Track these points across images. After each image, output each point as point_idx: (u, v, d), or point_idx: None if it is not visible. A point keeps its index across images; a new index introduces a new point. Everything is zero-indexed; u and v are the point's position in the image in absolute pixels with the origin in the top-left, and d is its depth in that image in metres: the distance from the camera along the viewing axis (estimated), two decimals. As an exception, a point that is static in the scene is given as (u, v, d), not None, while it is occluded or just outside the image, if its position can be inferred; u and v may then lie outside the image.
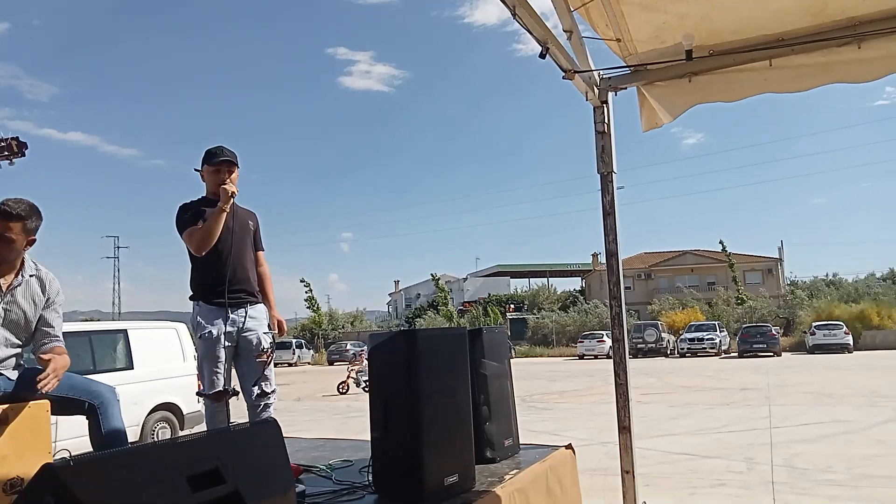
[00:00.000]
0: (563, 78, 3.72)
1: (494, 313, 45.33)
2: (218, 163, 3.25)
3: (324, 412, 13.82)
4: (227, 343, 3.18)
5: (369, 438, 2.82)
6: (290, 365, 38.63)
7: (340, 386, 17.97)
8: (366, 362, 18.84)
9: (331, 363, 38.34)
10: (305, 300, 51.25)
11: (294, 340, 41.57)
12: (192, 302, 3.27)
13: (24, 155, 2.45)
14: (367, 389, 17.76)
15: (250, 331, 3.26)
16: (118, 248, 68.09)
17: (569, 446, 3.69)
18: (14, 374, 2.65)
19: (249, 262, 3.36)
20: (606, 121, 4.03)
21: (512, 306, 50.95)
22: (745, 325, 32.38)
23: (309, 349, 43.72)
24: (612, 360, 4.02)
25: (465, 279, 63.51)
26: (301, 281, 50.85)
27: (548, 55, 3.37)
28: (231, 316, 3.19)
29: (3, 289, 2.63)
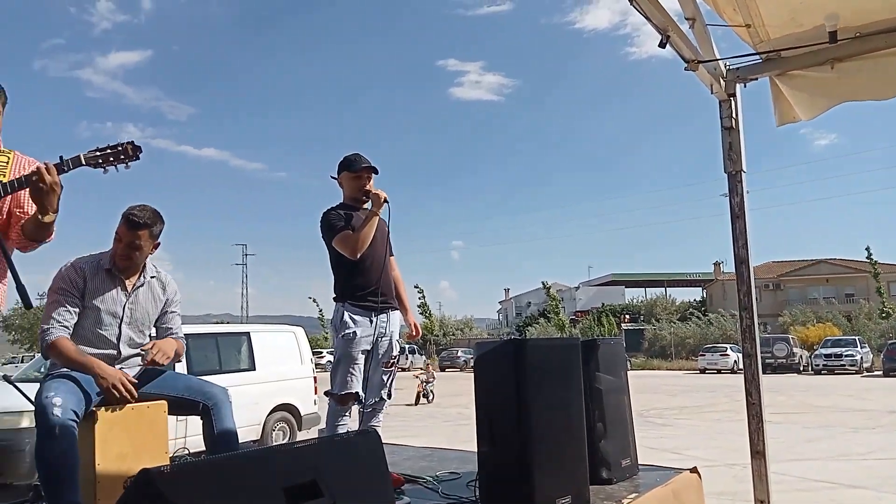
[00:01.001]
0: (686, 69, 3.45)
1: (609, 323, 43.98)
2: (359, 169, 3.34)
3: (435, 418, 13.88)
4: (366, 347, 3.24)
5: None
6: (402, 370, 39.45)
7: (417, 398, 17.49)
8: (433, 373, 18.75)
9: (442, 369, 38.83)
10: (418, 306, 52.12)
11: (407, 345, 42.39)
12: (335, 303, 3.34)
13: (138, 158, 2.53)
14: (430, 399, 17.32)
15: (387, 336, 3.32)
16: (246, 255, 72.31)
17: (694, 469, 3.39)
18: (136, 372, 2.76)
19: (389, 268, 3.42)
20: (734, 115, 3.70)
21: (627, 316, 49.24)
22: (891, 341, 29.34)
23: (421, 355, 44.39)
24: (736, 376, 3.68)
25: (578, 288, 62.17)
26: (415, 287, 51.70)
27: (668, 44, 3.13)
28: (374, 320, 3.26)
29: (129, 290, 2.75)
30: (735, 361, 28.47)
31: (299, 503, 1.56)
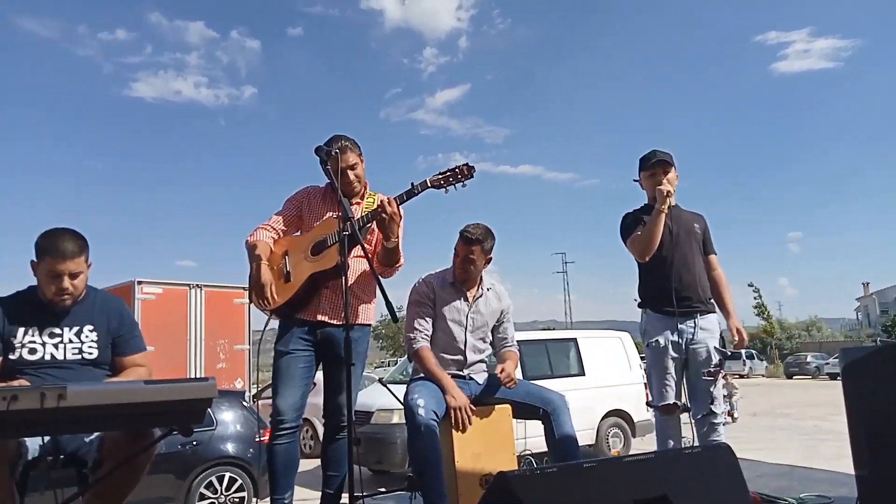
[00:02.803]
0: None
1: None
2: (651, 166, 3.21)
3: (786, 431, 12.42)
4: (674, 354, 3.10)
5: (851, 471, 2.33)
6: (741, 377, 36.16)
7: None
8: (733, 381, 16.00)
9: (789, 376, 34.77)
10: (754, 307, 47.39)
11: (744, 350, 38.77)
12: (639, 310, 3.26)
13: (472, 177, 2.77)
14: (734, 417, 14.77)
15: (700, 343, 3.11)
16: (565, 263, 73.93)
17: None
18: (482, 378, 2.99)
19: (698, 268, 3.22)
20: None
21: None
22: None
23: (761, 360, 40.27)
24: None
25: (969, 276, 50.08)
26: (749, 285, 47.06)
27: None
28: (679, 326, 3.10)
29: (470, 300, 3.00)
30: None
31: (651, 518, 1.50)
